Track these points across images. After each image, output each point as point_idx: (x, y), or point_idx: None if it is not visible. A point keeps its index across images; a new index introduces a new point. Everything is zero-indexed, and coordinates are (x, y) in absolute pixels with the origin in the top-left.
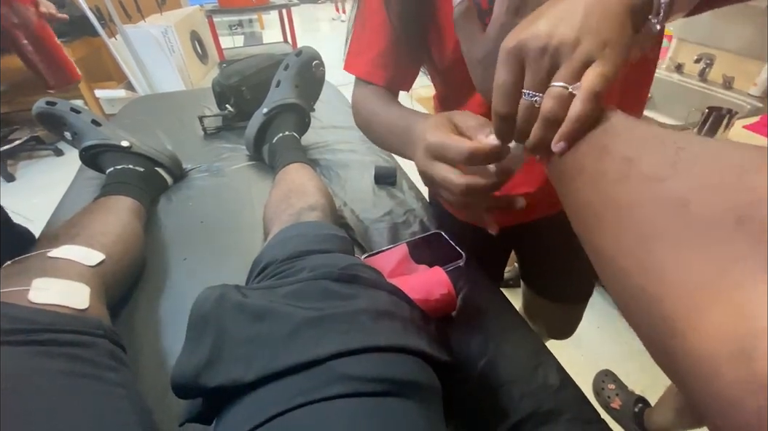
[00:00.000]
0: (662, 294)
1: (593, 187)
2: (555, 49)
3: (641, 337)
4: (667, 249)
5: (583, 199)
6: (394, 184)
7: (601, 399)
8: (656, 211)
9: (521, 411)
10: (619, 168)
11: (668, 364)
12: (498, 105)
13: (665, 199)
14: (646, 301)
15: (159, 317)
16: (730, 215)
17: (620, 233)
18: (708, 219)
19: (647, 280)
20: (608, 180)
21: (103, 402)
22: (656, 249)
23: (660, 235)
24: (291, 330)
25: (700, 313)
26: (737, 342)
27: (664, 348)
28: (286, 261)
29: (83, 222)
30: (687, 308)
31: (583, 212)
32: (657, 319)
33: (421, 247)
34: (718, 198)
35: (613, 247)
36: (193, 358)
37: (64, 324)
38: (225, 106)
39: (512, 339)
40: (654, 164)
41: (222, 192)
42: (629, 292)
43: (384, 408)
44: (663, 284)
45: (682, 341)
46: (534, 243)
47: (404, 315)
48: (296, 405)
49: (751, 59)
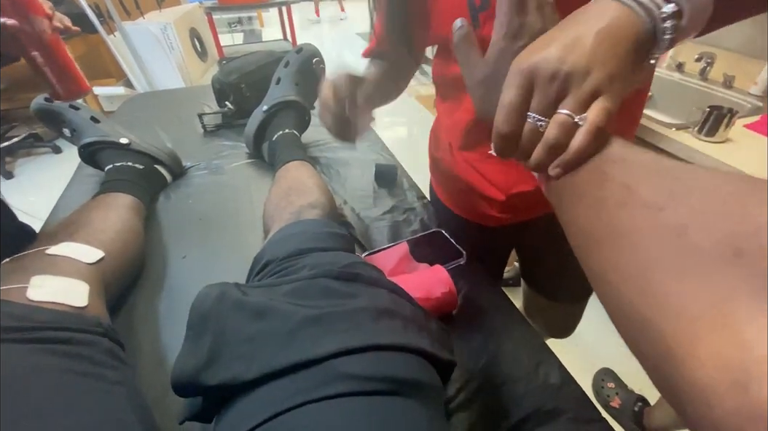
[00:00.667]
0: (662, 321)
1: (593, 213)
2: (565, 76)
3: (641, 361)
4: (666, 276)
5: (584, 224)
6: (395, 182)
7: (601, 397)
8: (655, 239)
9: (522, 410)
10: (618, 195)
11: (668, 390)
12: (501, 124)
13: (663, 227)
14: (646, 327)
15: (158, 315)
16: (727, 245)
17: (620, 259)
18: (706, 248)
19: (647, 307)
20: (608, 206)
21: (103, 401)
22: (655, 277)
23: (659, 263)
24: (291, 329)
25: (699, 342)
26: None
27: (663, 374)
28: (286, 259)
29: (82, 220)
30: (686, 336)
31: (583, 237)
32: (656, 346)
33: (421, 246)
34: (716, 227)
35: (613, 273)
36: (192, 357)
37: (62, 321)
38: (225, 104)
39: (513, 338)
40: (652, 192)
41: (221, 190)
42: (629, 318)
43: (385, 407)
44: (662, 311)
45: (682, 369)
46: (534, 241)
47: (405, 313)
48: (297, 404)
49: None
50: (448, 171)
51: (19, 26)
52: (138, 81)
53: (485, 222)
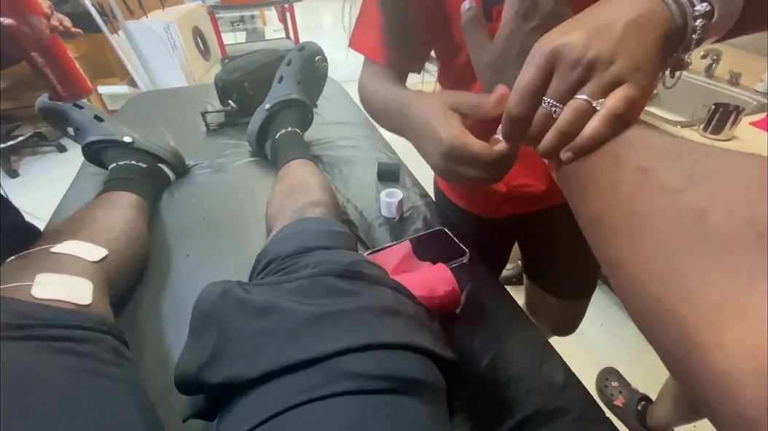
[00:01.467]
0: (682, 308)
1: (607, 198)
2: (588, 63)
3: (658, 351)
4: (686, 261)
5: (597, 210)
6: (397, 181)
7: (604, 396)
8: (674, 223)
9: (526, 409)
10: (634, 179)
11: (687, 380)
12: (514, 107)
13: (683, 211)
14: (665, 315)
15: (162, 313)
16: (749, 228)
17: (637, 245)
18: (727, 232)
19: (666, 293)
20: (623, 191)
21: (106, 398)
22: (675, 262)
23: (678, 247)
24: (294, 327)
25: (722, 329)
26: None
27: (683, 362)
28: (289, 257)
29: (86, 218)
30: (708, 324)
31: (598, 224)
32: (676, 333)
33: (424, 244)
34: (737, 210)
35: (629, 259)
36: (196, 355)
37: (66, 319)
38: (227, 102)
39: (516, 337)
40: (670, 175)
41: (224, 188)
42: (646, 305)
43: (389, 406)
44: (682, 298)
45: (703, 357)
46: (537, 235)
47: (408, 312)
48: (300, 402)
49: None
50: None
51: (17, 26)
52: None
53: (487, 214)
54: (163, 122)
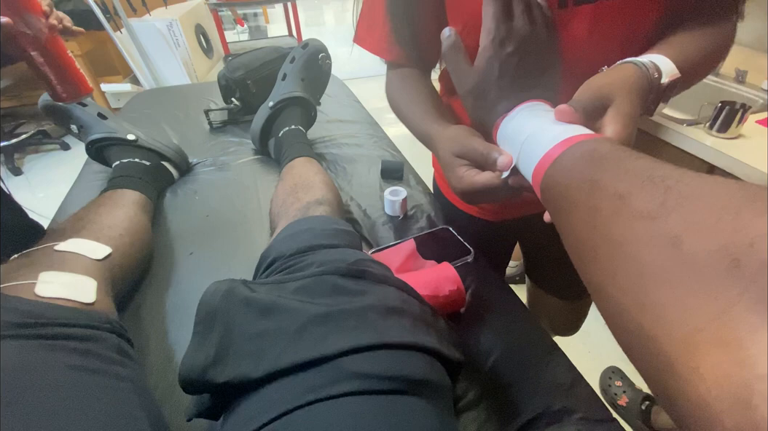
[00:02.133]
0: (660, 334)
1: (588, 223)
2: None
3: (641, 373)
4: (663, 288)
5: (579, 233)
6: (401, 179)
7: (608, 396)
8: (649, 249)
9: (532, 410)
10: (611, 205)
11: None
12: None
13: (657, 238)
14: (645, 340)
15: (166, 311)
16: (724, 256)
17: (616, 270)
18: (702, 259)
19: (645, 319)
20: (601, 216)
21: (111, 397)
22: (652, 289)
23: (655, 274)
24: (299, 326)
25: (699, 356)
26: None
27: (663, 388)
28: (294, 256)
29: (90, 216)
30: (686, 350)
31: (580, 247)
32: (656, 359)
33: (428, 243)
34: (711, 238)
35: (610, 284)
36: (200, 354)
37: (70, 318)
38: (231, 100)
39: (522, 336)
40: (644, 201)
41: (228, 186)
42: (628, 331)
43: (394, 407)
44: (661, 324)
45: (682, 383)
46: (537, 237)
47: (414, 311)
48: (306, 402)
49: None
50: None
51: (13, 24)
52: (144, 77)
53: (487, 216)
54: (167, 120)
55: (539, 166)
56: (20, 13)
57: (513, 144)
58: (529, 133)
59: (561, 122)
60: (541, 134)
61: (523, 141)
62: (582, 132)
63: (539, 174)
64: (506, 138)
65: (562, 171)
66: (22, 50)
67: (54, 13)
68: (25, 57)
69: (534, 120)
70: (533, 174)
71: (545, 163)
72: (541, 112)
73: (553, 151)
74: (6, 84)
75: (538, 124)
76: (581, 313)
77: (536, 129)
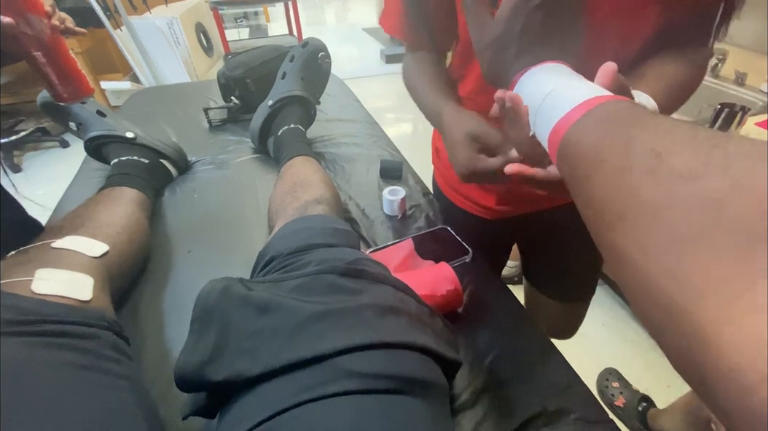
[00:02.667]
0: (693, 303)
1: (615, 183)
2: None
3: (665, 349)
4: (699, 254)
5: (603, 195)
6: (400, 179)
7: (605, 397)
8: (688, 212)
9: (529, 410)
10: (646, 163)
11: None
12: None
13: (698, 199)
14: (674, 311)
15: (163, 309)
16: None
17: (645, 234)
18: (745, 224)
19: (676, 287)
20: (633, 175)
21: (107, 395)
22: (687, 254)
23: (691, 239)
24: (296, 325)
25: (737, 325)
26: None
27: (692, 361)
28: (291, 254)
29: (88, 214)
30: (721, 319)
31: (602, 211)
32: (686, 330)
33: (427, 242)
34: (757, 201)
35: (636, 250)
36: (196, 352)
37: (67, 315)
38: (230, 98)
39: (519, 336)
40: (686, 160)
41: (227, 184)
42: (654, 301)
43: (390, 406)
44: (693, 292)
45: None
46: (535, 237)
47: (411, 311)
48: (302, 401)
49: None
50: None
51: (15, 24)
52: (144, 76)
53: (485, 214)
54: (166, 118)
55: (561, 122)
56: (23, 13)
57: (531, 100)
58: (553, 89)
59: (588, 83)
60: (567, 90)
61: (546, 94)
62: (611, 94)
63: (560, 131)
64: (524, 95)
65: (589, 128)
66: (24, 50)
67: (56, 14)
68: (27, 57)
69: (558, 77)
70: (552, 131)
71: (569, 120)
72: (564, 72)
73: (579, 108)
74: (5, 81)
75: (564, 81)
76: (578, 317)
77: (561, 86)
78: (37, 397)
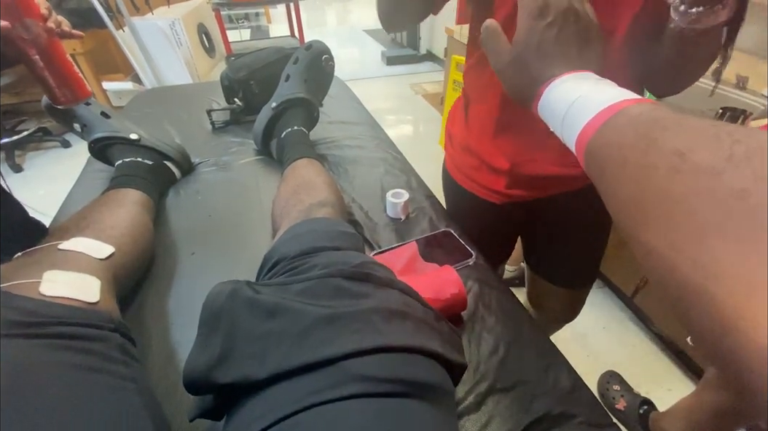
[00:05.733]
0: (719, 289)
1: (641, 182)
2: None
3: (695, 338)
4: (725, 243)
5: (629, 194)
6: None
7: (606, 400)
8: (712, 204)
9: (532, 414)
10: (669, 162)
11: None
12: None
13: (722, 192)
14: (702, 299)
15: (167, 311)
16: None
17: (672, 228)
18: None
19: (703, 277)
20: (658, 174)
21: (114, 396)
22: (713, 244)
23: (717, 229)
24: (303, 328)
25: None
26: None
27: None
28: (297, 257)
29: (93, 215)
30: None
31: (629, 208)
32: (713, 315)
33: (430, 245)
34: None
35: (663, 243)
36: (204, 354)
37: (74, 317)
38: (233, 100)
39: (523, 340)
40: (709, 157)
41: (230, 186)
42: (683, 291)
43: (397, 410)
44: (720, 279)
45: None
46: (542, 223)
47: (417, 315)
48: (309, 405)
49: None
50: (462, 143)
51: (12, 28)
52: (146, 76)
53: (494, 198)
54: (169, 119)
55: (588, 125)
56: (19, 17)
57: (557, 109)
58: (579, 96)
59: (614, 87)
60: (592, 96)
61: (572, 102)
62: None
63: (586, 135)
64: (550, 103)
65: (615, 130)
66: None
67: (52, 17)
68: (24, 60)
69: (583, 84)
70: (579, 136)
71: (596, 123)
72: (589, 79)
73: (604, 112)
74: (7, 81)
75: (590, 87)
76: (580, 301)
77: (588, 91)
78: (46, 399)
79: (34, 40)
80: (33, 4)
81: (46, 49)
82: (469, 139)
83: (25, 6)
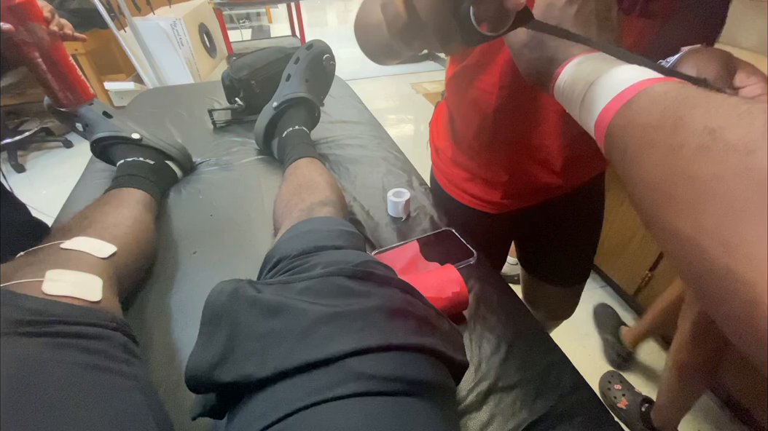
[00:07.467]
0: (751, 272)
1: (667, 163)
2: None
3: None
4: (755, 224)
5: (654, 176)
6: None
7: (608, 399)
8: (744, 185)
9: (535, 412)
10: (699, 140)
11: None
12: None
13: (753, 171)
14: (729, 280)
15: (169, 310)
16: None
17: (700, 210)
18: None
19: (733, 258)
20: (686, 154)
21: (117, 395)
22: (744, 226)
23: (746, 209)
24: (306, 327)
25: None
26: None
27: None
28: (299, 256)
29: (95, 215)
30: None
31: (654, 191)
32: (744, 299)
33: (431, 244)
34: None
35: (689, 225)
36: (207, 353)
37: (77, 316)
38: (234, 100)
39: (524, 339)
40: (740, 134)
41: (231, 186)
42: (711, 274)
43: (399, 408)
44: (749, 260)
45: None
46: (536, 227)
47: (418, 313)
48: (311, 403)
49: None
50: (450, 157)
51: (15, 31)
52: (148, 76)
53: (489, 209)
54: (170, 119)
55: (609, 106)
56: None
57: (576, 90)
58: (600, 75)
59: (634, 66)
60: (615, 75)
61: (591, 82)
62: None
63: (607, 117)
64: (568, 84)
65: (638, 110)
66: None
67: (55, 20)
68: (27, 63)
69: (604, 64)
70: (599, 118)
71: (617, 103)
72: (608, 59)
73: (628, 91)
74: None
75: (610, 67)
76: (576, 298)
77: (608, 71)
78: (47, 398)
79: (37, 43)
80: (36, 8)
81: (48, 52)
82: (457, 155)
83: (28, 9)
